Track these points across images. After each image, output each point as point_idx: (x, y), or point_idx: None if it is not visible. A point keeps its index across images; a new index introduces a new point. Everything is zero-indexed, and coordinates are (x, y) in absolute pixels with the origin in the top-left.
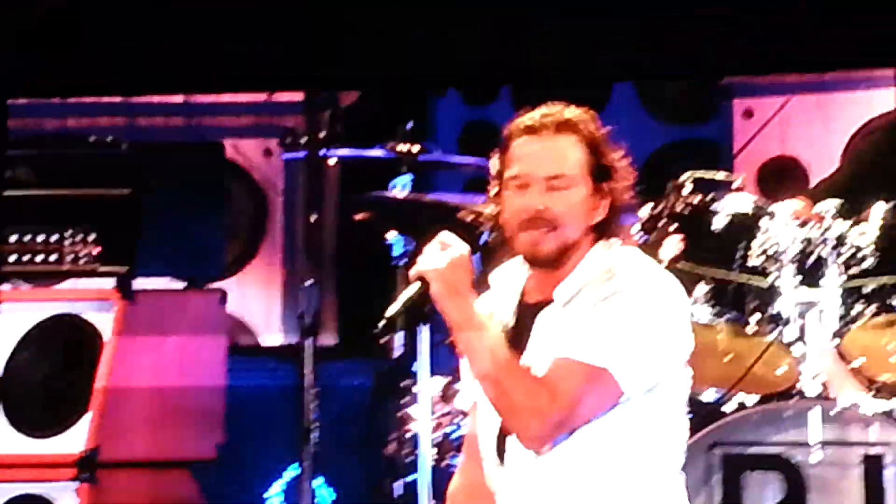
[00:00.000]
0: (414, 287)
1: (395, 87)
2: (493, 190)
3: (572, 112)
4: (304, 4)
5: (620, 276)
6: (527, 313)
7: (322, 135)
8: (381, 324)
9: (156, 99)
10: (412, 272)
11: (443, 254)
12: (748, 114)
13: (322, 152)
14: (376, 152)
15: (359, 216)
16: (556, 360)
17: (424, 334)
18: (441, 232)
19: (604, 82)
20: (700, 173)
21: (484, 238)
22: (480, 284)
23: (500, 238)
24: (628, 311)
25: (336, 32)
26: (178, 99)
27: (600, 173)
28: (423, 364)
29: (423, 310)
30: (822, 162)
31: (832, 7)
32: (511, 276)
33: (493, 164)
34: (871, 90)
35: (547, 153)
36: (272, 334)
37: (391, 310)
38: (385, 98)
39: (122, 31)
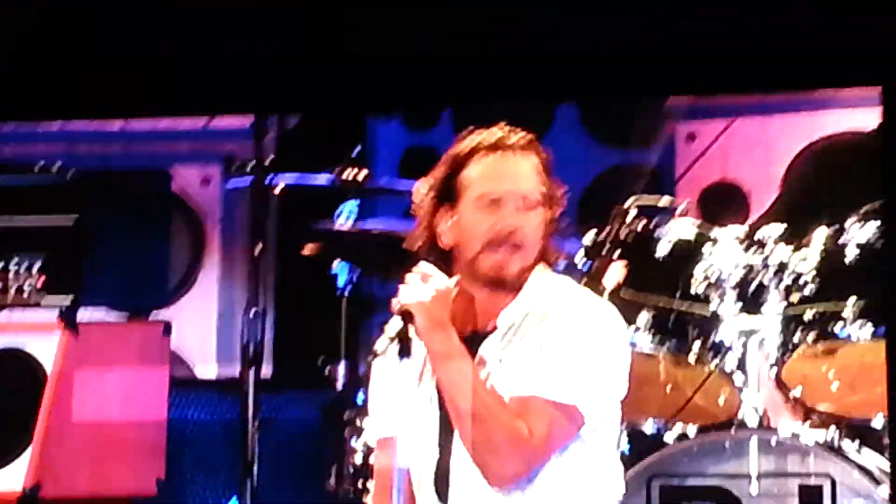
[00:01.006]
0: (399, 320)
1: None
2: (428, 209)
3: (526, 135)
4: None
5: (571, 309)
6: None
7: (269, 160)
8: (371, 357)
9: (93, 125)
10: (395, 305)
11: (426, 286)
12: (691, 137)
13: (268, 179)
14: (322, 178)
15: (307, 250)
16: (522, 398)
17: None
18: (420, 263)
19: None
20: (644, 198)
21: None
22: None
23: (434, 259)
24: (585, 346)
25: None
26: (116, 126)
27: (550, 198)
28: None
29: (408, 344)
30: (763, 186)
31: (834, 10)
32: None
33: (425, 183)
34: (814, 113)
35: (519, 172)
36: (207, 365)
37: (379, 344)
38: (326, 122)
39: (125, 35)
